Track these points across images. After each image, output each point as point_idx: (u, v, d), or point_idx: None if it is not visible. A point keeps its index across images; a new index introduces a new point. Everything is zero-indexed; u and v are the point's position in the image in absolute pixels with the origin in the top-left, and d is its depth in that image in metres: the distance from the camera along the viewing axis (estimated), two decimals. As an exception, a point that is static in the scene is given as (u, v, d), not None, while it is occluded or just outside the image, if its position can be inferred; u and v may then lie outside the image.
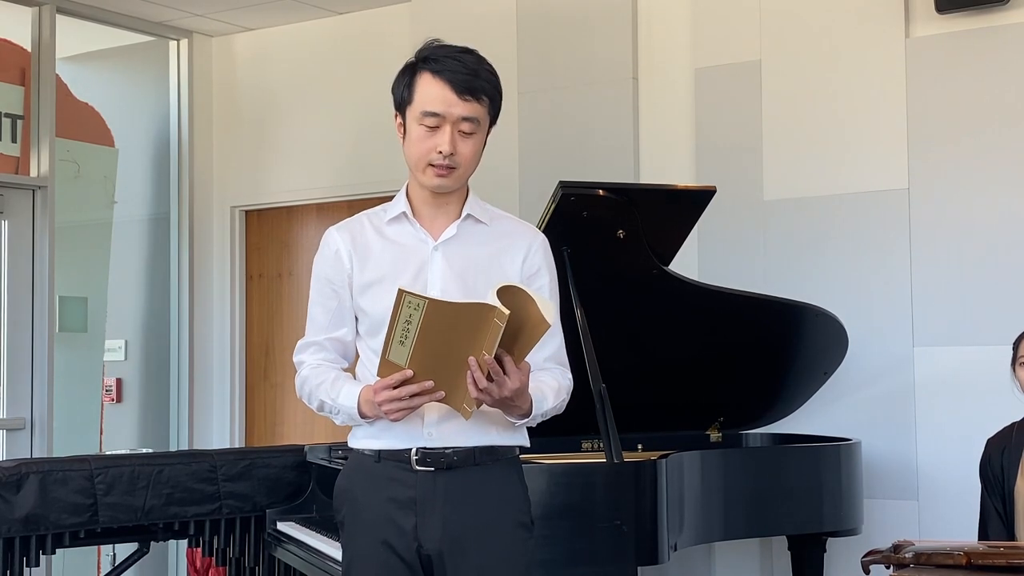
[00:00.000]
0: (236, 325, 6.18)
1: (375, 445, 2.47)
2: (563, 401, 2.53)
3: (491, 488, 2.45)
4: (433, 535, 2.41)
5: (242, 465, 4.05)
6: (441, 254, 2.49)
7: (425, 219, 2.53)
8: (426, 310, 2.21)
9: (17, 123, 5.43)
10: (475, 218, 2.53)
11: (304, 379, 2.55)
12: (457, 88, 2.43)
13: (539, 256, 2.56)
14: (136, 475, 3.85)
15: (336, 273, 2.53)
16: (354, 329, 2.55)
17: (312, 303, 2.58)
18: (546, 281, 2.57)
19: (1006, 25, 4.34)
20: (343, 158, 5.86)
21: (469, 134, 2.45)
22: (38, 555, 3.70)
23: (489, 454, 2.45)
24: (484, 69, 2.47)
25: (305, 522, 3.92)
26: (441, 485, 2.42)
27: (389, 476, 2.45)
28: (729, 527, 3.78)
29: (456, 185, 2.50)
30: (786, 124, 4.69)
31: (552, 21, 5.14)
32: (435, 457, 2.42)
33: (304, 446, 4.20)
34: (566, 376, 2.57)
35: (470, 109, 2.44)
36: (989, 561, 2.45)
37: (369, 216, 2.58)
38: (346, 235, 2.55)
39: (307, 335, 2.58)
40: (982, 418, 3.74)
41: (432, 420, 2.42)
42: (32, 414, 5.33)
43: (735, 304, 3.98)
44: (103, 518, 3.79)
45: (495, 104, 2.50)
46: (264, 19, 5.99)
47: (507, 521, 2.46)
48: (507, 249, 2.53)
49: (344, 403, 2.45)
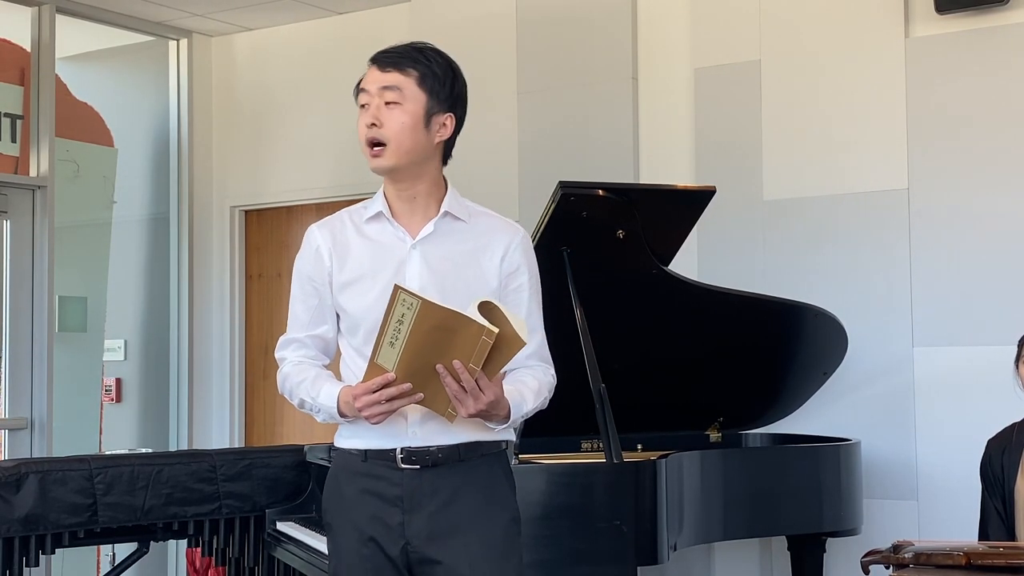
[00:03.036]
0: (236, 325, 6.18)
1: (361, 444, 2.47)
2: (545, 399, 2.52)
3: (477, 483, 2.45)
4: (420, 532, 2.41)
5: (242, 465, 4.05)
6: (419, 252, 2.48)
7: (402, 217, 2.52)
8: (419, 310, 2.20)
9: (17, 123, 5.43)
10: (453, 215, 2.52)
11: (285, 376, 2.56)
12: (380, 64, 2.49)
13: (518, 254, 2.53)
14: (136, 475, 3.85)
15: (316, 271, 2.54)
16: (335, 326, 2.55)
17: (293, 299, 2.58)
18: (525, 279, 2.54)
19: (1006, 25, 4.34)
20: (343, 158, 5.86)
21: (393, 103, 2.45)
22: (38, 555, 3.70)
23: (474, 450, 2.45)
24: (415, 49, 2.49)
25: (305, 522, 3.92)
26: (427, 482, 2.42)
27: (375, 474, 2.45)
28: (729, 527, 3.78)
29: (392, 163, 2.47)
30: (786, 124, 4.69)
31: (552, 21, 5.14)
32: (420, 455, 2.42)
33: (304, 446, 4.20)
34: (548, 372, 2.56)
35: (390, 79, 2.45)
36: (989, 561, 2.45)
37: (350, 213, 2.58)
38: (327, 233, 2.55)
39: (288, 332, 2.58)
40: (982, 418, 3.74)
41: (416, 420, 2.43)
42: (32, 414, 5.33)
43: (735, 304, 3.98)
44: (103, 518, 3.78)
45: (428, 78, 2.46)
46: (264, 19, 5.99)
47: (496, 515, 2.46)
48: (486, 247, 2.52)
49: (324, 403, 2.46)
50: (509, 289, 2.51)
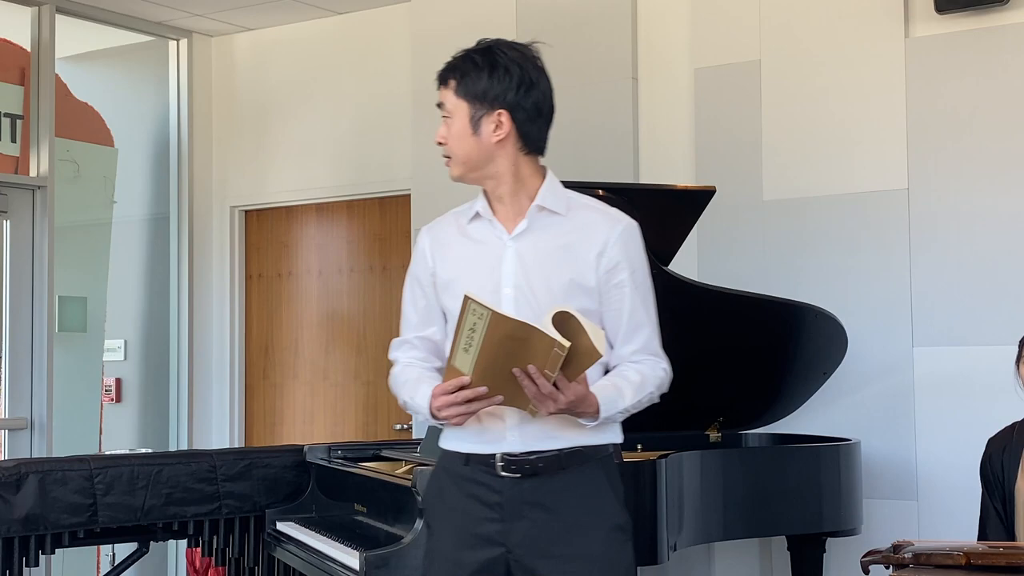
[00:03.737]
0: (235, 325, 6.18)
1: (463, 448, 2.47)
2: (650, 394, 2.50)
3: (579, 492, 2.42)
4: (521, 541, 2.40)
5: (241, 465, 4.05)
6: (514, 249, 2.48)
7: (500, 214, 2.53)
8: (489, 321, 2.20)
9: (17, 123, 5.43)
10: (548, 209, 2.51)
11: (394, 376, 2.59)
12: (437, 79, 2.56)
13: (616, 249, 2.49)
14: (135, 475, 3.85)
15: (422, 272, 2.58)
16: (443, 328, 2.56)
17: (404, 301, 2.62)
18: (625, 276, 2.50)
19: (1006, 25, 4.34)
20: (343, 158, 5.86)
21: (446, 118, 2.53)
22: (37, 555, 3.70)
23: (576, 457, 2.42)
24: (459, 56, 2.54)
25: (304, 522, 3.92)
26: (528, 491, 2.41)
27: (476, 479, 2.44)
28: (728, 527, 3.78)
29: (458, 173, 2.54)
30: (786, 124, 4.69)
31: (552, 21, 5.14)
32: (519, 464, 2.41)
33: (303, 446, 4.20)
34: (658, 366, 2.53)
35: (440, 95, 2.54)
36: (988, 561, 2.45)
37: (456, 215, 2.61)
38: (432, 234, 2.60)
39: (401, 333, 2.62)
40: (982, 418, 3.74)
41: (513, 424, 2.42)
42: (32, 414, 5.33)
43: (735, 304, 3.98)
44: (102, 518, 3.79)
45: (463, 88, 2.49)
46: (264, 19, 5.99)
47: (599, 525, 2.43)
48: (582, 241, 2.49)
49: (419, 403, 2.46)
50: (610, 285, 2.48)
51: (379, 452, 4.14)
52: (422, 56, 5.42)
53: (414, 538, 3.16)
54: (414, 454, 3.92)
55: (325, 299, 6.00)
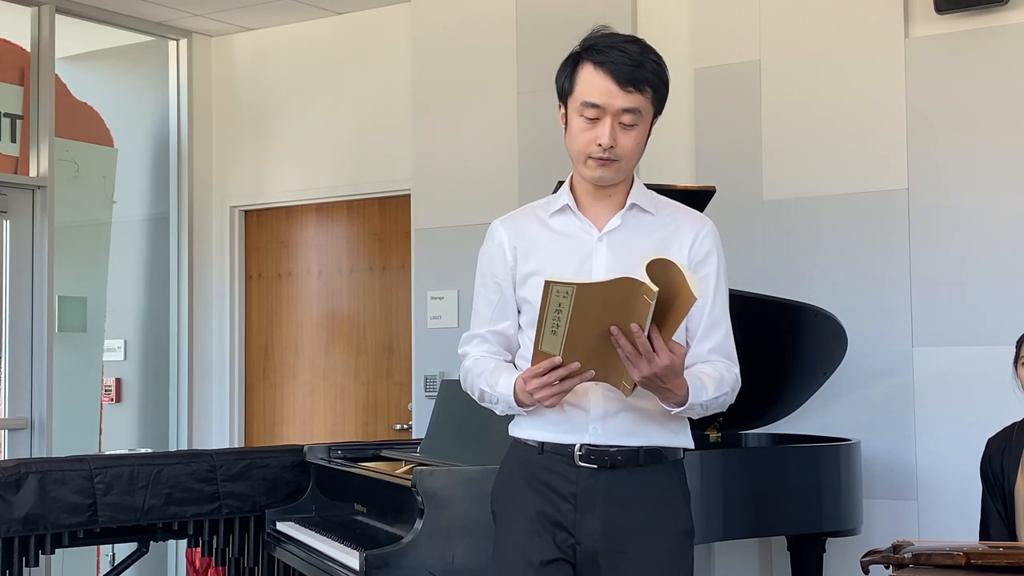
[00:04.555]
0: (235, 325, 6.18)
1: (539, 437, 2.45)
2: (726, 395, 2.44)
3: (654, 491, 2.42)
4: (592, 532, 2.38)
5: (241, 465, 4.05)
6: (606, 244, 2.46)
7: (589, 210, 2.50)
8: (576, 296, 2.17)
9: (16, 123, 5.43)
10: (640, 207, 2.50)
11: (467, 370, 2.55)
12: (619, 79, 2.40)
13: (708, 241, 2.51)
14: (135, 475, 3.85)
15: (498, 266, 2.53)
16: (516, 323, 2.53)
17: (476, 296, 2.58)
18: (712, 268, 2.51)
19: (1006, 25, 4.34)
20: (343, 158, 5.86)
21: (630, 126, 2.41)
22: (37, 555, 3.70)
23: (653, 456, 2.42)
24: (649, 59, 2.45)
25: (304, 522, 3.92)
26: (603, 483, 2.39)
27: (551, 468, 2.42)
28: (729, 527, 3.77)
29: (618, 177, 2.46)
30: (785, 124, 4.69)
31: (552, 21, 5.14)
32: (599, 455, 2.39)
33: (303, 446, 4.20)
34: (731, 370, 2.49)
35: (632, 100, 2.40)
36: (989, 561, 2.45)
37: (534, 208, 2.57)
38: (510, 227, 2.55)
39: (471, 328, 2.58)
40: (982, 418, 3.74)
41: (597, 415, 2.40)
42: (32, 414, 5.33)
43: (735, 304, 3.96)
44: (102, 518, 3.79)
45: (659, 94, 2.46)
46: (264, 19, 5.99)
47: (670, 526, 2.43)
48: (674, 235, 2.49)
49: (502, 391, 2.43)
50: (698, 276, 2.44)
51: (379, 452, 4.14)
52: (422, 56, 5.42)
53: (414, 538, 3.16)
54: (414, 454, 3.92)
55: (325, 299, 6.00)
